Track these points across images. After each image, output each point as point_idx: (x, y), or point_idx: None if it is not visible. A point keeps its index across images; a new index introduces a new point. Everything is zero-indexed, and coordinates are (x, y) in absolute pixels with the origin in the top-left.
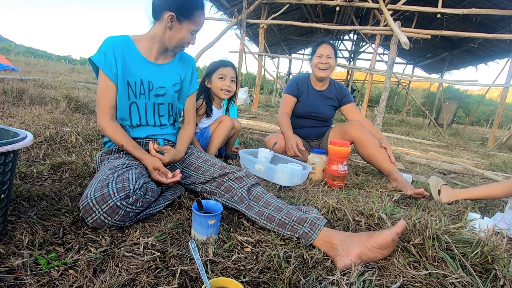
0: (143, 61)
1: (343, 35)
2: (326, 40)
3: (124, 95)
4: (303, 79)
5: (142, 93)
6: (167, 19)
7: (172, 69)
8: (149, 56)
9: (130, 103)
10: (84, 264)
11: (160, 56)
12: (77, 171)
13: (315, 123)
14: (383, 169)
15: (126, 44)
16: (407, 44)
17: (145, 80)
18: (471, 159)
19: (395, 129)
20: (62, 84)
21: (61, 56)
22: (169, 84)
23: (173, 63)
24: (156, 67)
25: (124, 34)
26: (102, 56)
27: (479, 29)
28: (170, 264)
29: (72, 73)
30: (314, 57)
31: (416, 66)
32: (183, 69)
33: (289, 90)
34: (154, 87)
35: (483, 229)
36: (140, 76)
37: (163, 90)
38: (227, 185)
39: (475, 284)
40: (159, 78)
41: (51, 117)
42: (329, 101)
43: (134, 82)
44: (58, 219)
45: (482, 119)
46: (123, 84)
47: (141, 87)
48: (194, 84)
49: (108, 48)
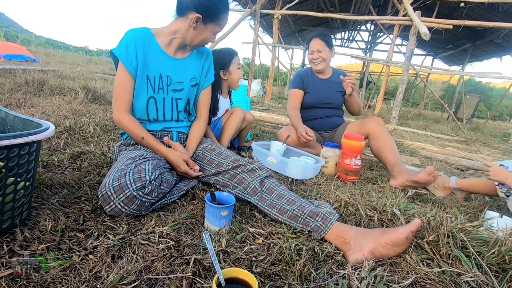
0: (163, 55)
1: (360, 26)
2: (315, 35)
3: (143, 89)
4: (306, 72)
5: (160, 87)
6: (192, 19)
7: (190, 64)
8: (168, 50)
9: (148, 98)
10: (103, 250)
11: (179, 50)
12: (95, 160)
13: (327, 112)
14: (389, 161)
15: (147, 37)
16: (427, 35)
17: (164, 75)
18: (491, 155)
19: (411, 123)
20: (80, 75)
21: (79, 47)
22: (187, 79)
23: (191, 57)
24: (175, 61)
25: (145, 26)
26: (124, 50)
27: (506, 19)
28: (184, 253)
29: (89, 64)
30: (308, 54)
31: (436, 58)
32: (201, 62)
33: (294, 84)
34: (172, 82)
35: (501, 228)
36: (160, 70)
37: (181, 85)
38: (240, 177)
39: (491, 283)
40: (177, 72)
41: (70, 108)
42: (336, 87)
43: (153, 76)
44: (79, 207)
45: (505, 114)
46: (143, 78)
47: (160, 81)
48: (209, 77)
49: (129, 41)
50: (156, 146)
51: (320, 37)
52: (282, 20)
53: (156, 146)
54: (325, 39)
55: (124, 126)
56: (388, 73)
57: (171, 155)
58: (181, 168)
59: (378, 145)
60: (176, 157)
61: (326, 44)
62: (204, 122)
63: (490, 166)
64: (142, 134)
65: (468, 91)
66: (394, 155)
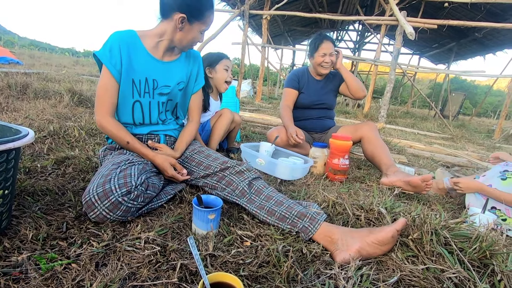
0: (149, 58)
1: (348, 26)
2: (327, 37)
3: (128, 93)
4: (303, 72)
5: (146, 91)
6: (177, 20)
7: (178, 67)
8: (155, 53)
9: (134, 102)
10: (87, 258)
11: (167, 53)
12: (80, 165)
13: (319, 113)
14: (384, 163)
15: (133, 40)
16: (413, 35)
17: (150, 79)
18: (476, 151)
19: (399, 121)
20: (66, 77)
21: (65, 48)
22: (174, 82)
23: (179, 60)
24: (162, 65)
25: (130, 29)
26: (107, 52)
27: (488, 18)
28: (171, 258)
29: (75, 65)
30: (317, 55)
31: (422, 57)
32: (189, 66)
33: (290, 83)
34: (158, 86)
35: (483, 224)
36: (145, 74)
37: (168, 89)
38: (228, 179)
39: (472, 279)
40: (164, 76)
41: (55, 111)
42: (330, 87)
43: (139, 80)
44: (62, 214)
45: (490, 110)
46: (128, 82)
47: (146, 85)
48: (199, 81)
49: (114, 44)
50: (142, 150)
51: (331, 40)
52: (271, 20)
53: (142, 150)
54: (334, 43)
55: (108, 131)
56: (376, 72)
57: (158, 159)
58: (168, 172)
59: (372, 148)
60: (163, 161)
61: (334, 48)
62: (196, 125)
63: (458, 182)
64: (127, 138)
65: (454, 89)
66: (388, 157)
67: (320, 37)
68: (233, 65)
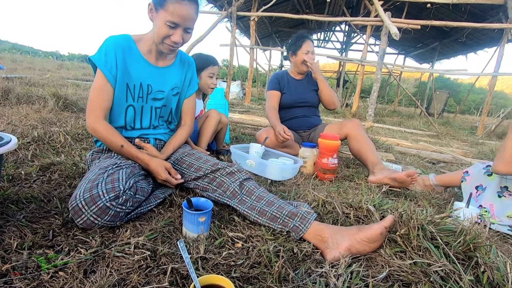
0: (144, 63)
1: (335, 27)
2: (309, 36)
3: (122, 97)
4: (282, 75)
5: (140, 96)
6: (148, 9)
7: (172, 73)
8: (150, 58)
9: (127, 106)
10: (75, 266)
11: (160, 57)
12: (67, 171)
13: (304, 111)
14: (370, 161)
15: (128, 45)
16: (397, 35)
17: (145, 84)
18: (460, 147)
19: (387, 119)
20: (50, 81)
21: (49, 52)
22: (168, 88)
23: (174, 65)
24: (157, 70)
25: (126, 33)
26: (103, 56)
27: (469, 19)
28: (161, 263)
29: (60, 69)
30: (300, 53)
31: (407, 56)
32: (183, 72)
33: (271, 86)
34: (153, 91)
35: (467, 217)
36: (140, 79)
37: (162, 94)
38: (219, 180)
39: (457, 271)
40: (159, 81)
41: (39, 117)
42: (310, 86)
43: (133, 85)
44: (48, 221)
45: (473, 108)
46: (122, 86)
47: (140, 90)
48: (192, 86)
49: (109, 48)
50: (137, 154)
51: (311, 39)
52: (259, 21)
53: (137, 154)
54: (313, 42)
55: (101, 135)
56: (363, 72)
57: (153, 163)
58: (162, 176)
59: (358, 146)
60: (157, 166)
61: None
62: (188, 129)
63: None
64: (122, 142)
65: (439, 87)
66: (374, 155)
67: (303, 36)
68: (222, 66)
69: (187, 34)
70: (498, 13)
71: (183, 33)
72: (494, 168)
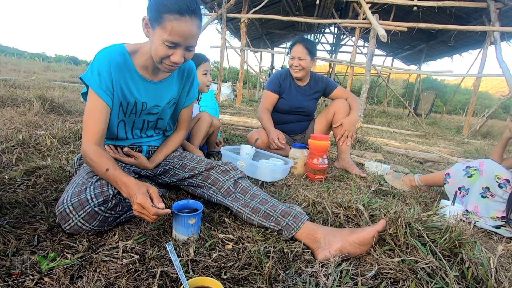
0: (140, 80)
1: (324, 29)
2: (300, 40)
3: (114, 114)
4: (285, 76)
5: (133, 112)
6: (142, 24)
7: (170, 86)
8: (145, 73)
9: (119, 121)
10: (61, 272)
11: (157, 71)
12: (53, 175)
13: (298, 118)
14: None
15: (123, 60)
16: (385, 37)
17: (139, 102)
18: (447, 147)
19: (376, 120)
20: (36, 83)
21: (35, 53)
22: (164, 102)
23: (172, 77)
24: (153, 85)
25: (120, 43)
26: (96, 76)
27: (454, 22)
28: (150, 266)
29: (46, 71)
30: (289, 58)
31: (395, 58)
32: (181, 82)
33: (270, 86)
34: (147, 107)
35: (453, 215)
36: (135, 97)
37: (158, 109)
38: (214, 177)
39: (443, 268)
40: (154, 97)
41: (24, 120)
42: (311, 94)
43: (127, 103)
44: (33, 227)
45: (459, 108)
46: (116, 105)
47: (134, 107)
48: (192, 95)
49: (103, 66)
50: (122, 178)
51: (304, 44)
52: (249, 23)
53: (123, 178)
54: (308, 47)
55: (88, 159)
56: (352, 74)
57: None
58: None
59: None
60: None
61: (309, 53)
62: (182, 135)
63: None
64: (107, 166)
65: (426, 88)
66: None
67: (294, 40)
68: (213, 68)
69: (189, 52)
70: (481, 16)
71: (184, 52)
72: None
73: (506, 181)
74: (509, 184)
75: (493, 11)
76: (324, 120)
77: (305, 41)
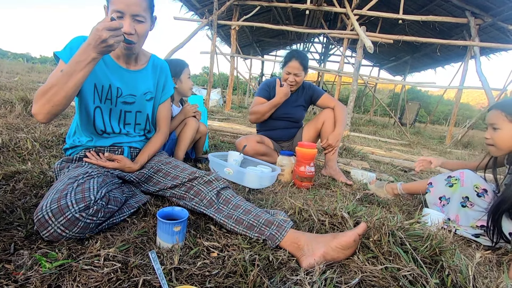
0: (114, 66)
1: (313, 38)
2: (296, 56)
3: (89, 97)
4: (274, 84)
5: (108, 98)
6: (105, 13)
7: (144, 77)
8: (119, 61)
9: (95, 108)
10: (37, 281)
11: (131, 61)
12: (33, 180)
13: (287, 124)
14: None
15: None
16: (372, 48)
17: (114, 86)
18: (430, 156)
19: (363, 128)
20: (19, 85)
21: (18, 54)
22: (140, 92)
23: (146, 70)
24: (128, 73)
25: None
26: (68, 50)
27: (437, 35)
28: (132, 275)
29: (30, 72)
30: (284, 72)
31: (381, 68)
32: (155, 76)
33: (261, 93)
34: (123, 94)
35: (434, 223)
36: (109, 81)
37: (133, 98)
38: (197, 189)
39: (424, 275)
40: (129, 85)
41: (4, 122)
42: (299, 101)
43: (101, 86)
44: (9, 234)
45: (441, 118)
46: (89, 86)
47: (108, 92)
48: (167, 91)
49: (76, 44)
50: (74, 57)
51: (300, 60)
52: (240, 30)
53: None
54: (303, 63)
55: (40, 94)
56: (340, 83)
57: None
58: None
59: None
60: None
61: (304, 68)
62: (163, 136)
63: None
64: (57, 74)
65: (411, 99)
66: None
67: (290, 54)
68: (203, 74)
69: (139, 24)
70: (462, 31)
71: (132, 22)
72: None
73: (484, 191)
74: (486, 193)
75: (473, 26)
76: (313, 128)
77: (300, 57)
